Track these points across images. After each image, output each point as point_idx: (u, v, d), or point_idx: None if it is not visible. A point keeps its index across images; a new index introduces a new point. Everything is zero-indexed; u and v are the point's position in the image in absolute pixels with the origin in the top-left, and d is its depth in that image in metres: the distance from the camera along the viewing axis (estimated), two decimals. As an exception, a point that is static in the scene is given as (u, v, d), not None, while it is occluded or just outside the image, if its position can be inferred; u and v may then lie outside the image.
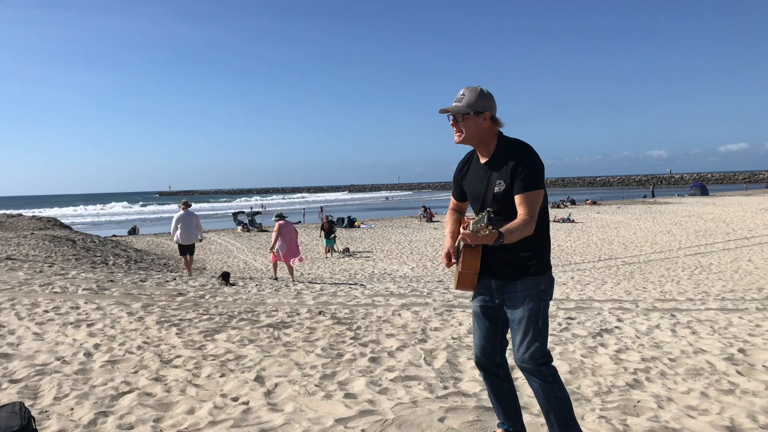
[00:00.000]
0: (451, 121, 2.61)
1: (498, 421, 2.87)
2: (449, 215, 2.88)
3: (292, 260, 12.13)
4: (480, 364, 2.78)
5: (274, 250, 12.14)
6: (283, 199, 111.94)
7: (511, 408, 2.80)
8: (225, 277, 9.71)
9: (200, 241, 13.45)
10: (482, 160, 2.65)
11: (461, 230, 2.37)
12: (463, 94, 2.59)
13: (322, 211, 46.67)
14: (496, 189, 2.54)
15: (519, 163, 2.49)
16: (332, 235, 20.75)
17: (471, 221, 2.37)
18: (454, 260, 2.71)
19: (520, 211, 2.46)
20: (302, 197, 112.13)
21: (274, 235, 12.29)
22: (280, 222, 12.33)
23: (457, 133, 2.60)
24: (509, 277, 2.60)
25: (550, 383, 2.56)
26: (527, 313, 2.55)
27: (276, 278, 12.02)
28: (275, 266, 12.61)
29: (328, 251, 20.18)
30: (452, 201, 2.91)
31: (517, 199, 2.48)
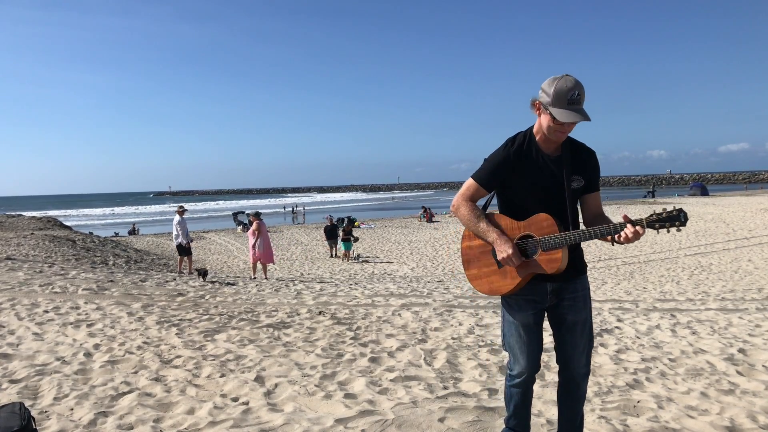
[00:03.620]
0: (566, 126, 2.33)
1: (508, 428, 2.68)
2: (472, 208, 2.50)
3: (267, 261, 12.72)
4: (528, 380, 2.56)
5: (256, 249, 12.52)
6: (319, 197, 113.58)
7: (530, 412, 2.70)
8: (202, 273, 10.29)
9: (185, 244, 13.55)
10: (550, 154, 2.44)
11: (636, 229, 2.19)
12: (579, 95, 2.26)
13: (294, 211, 47.32)
14: (575, 185, 2.42)
15: (596, 163, 2.49)
16: (350, 238, 19.14)
17: (644, 217, 2.22)
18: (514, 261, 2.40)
19: (597, 209, 2.47)
20: (326, 198, 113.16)
21: (251, 235, 12.65)
22: (259, 221, 12.68)
23: (564, 133, 2.36)
24: (573, 276, 2.46)
25: (587, 387, 2.56)
26: (588, 314, 2.48)
27: (254, 277, 12.17)
28: (254, 266, 12.86)
29: (345, 255, 18.61)
30: (475, 188, 2.50)
31: (594, 197, 2.49)
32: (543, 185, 2.42)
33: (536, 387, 3.79)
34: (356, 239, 19.84)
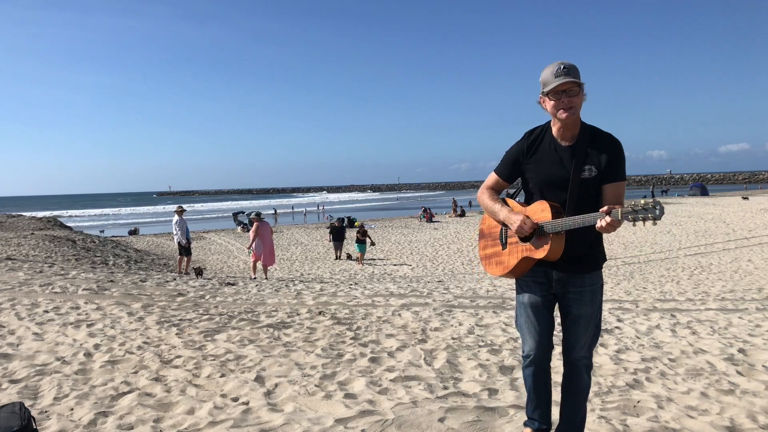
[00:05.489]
0: (563, 97, 2.35)
1: (528, 419, 2.74)
2: (490, 194, 2.65)
3: (268, 263, 12.87)
4: (536, 361, 2.61)
5: (253, 249, 12.82)
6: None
7: (549, 405, 2.72)
8: (197, 272, 11.01)
9: (185, 244, 13.65)
10: (564, 143, 2.46)
11: (607, 218, 2.17)
12: (565, 67, 2.34)
13: (275, 212, 48.01)
14: (586, 174, 2.40)
15: (615, 152, 2.42)
16: (366, 239, 18.32)
17: (619, 208, 2.17)
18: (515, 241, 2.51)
19: (614, 200, 2.40)
20: (327, 198, 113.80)
21: (251, 235, 12.87)
22: (258, 222, 12.80)
23: (570, 108, 2.36)
24: (580, 270, 2.50)
25: (590, 378, 2.61)
26: (594, 309, 2.53)
27: (254, 277, 12.28)
28: (254, 266, 12.97)
29: (360, 258, 17.88)
30: (495, 179, 2.67)
31: (612, 187, 2.41)
32: (552, 174, 2.47)
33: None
34: (373, 243, 19.17)
